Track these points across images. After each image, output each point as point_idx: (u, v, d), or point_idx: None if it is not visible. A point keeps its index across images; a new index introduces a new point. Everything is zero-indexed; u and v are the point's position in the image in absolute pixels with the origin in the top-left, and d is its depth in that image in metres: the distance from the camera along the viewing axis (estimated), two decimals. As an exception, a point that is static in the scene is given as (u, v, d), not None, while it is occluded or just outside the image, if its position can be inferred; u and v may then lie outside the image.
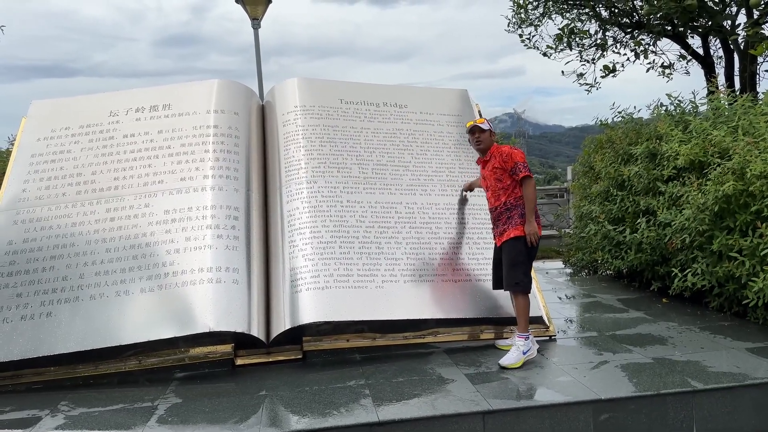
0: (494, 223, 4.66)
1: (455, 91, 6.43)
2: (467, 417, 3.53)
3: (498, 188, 4.55)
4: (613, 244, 7.02)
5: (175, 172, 5.04)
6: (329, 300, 4.55)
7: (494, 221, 4.65)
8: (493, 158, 4.58)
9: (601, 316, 5.70)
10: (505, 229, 4.50)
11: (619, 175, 7.09)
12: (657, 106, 7.27)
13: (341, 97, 5.87)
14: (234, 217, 4.87)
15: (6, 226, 4.84)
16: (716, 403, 3.74)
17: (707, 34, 11.78)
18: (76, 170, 5.11)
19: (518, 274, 4.42)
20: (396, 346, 4.77)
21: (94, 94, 5.81)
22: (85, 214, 4.85)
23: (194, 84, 5.78)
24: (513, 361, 4.25)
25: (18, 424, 3.66)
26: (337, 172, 5.30)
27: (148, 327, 4.31)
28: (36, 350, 4.24)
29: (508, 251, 4.48)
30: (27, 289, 4.51)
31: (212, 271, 4.51)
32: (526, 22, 13.02)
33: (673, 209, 5.85)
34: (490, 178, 4.60)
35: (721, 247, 5.12)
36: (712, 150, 5.59)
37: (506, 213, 4.51)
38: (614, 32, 12.80)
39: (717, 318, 5.43)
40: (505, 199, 4.51)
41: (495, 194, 4.58)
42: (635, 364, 4.23)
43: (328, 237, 4.89)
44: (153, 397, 3.99)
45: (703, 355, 4.36)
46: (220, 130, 5.31)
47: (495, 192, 4.58)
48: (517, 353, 4.29)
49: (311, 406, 3.70)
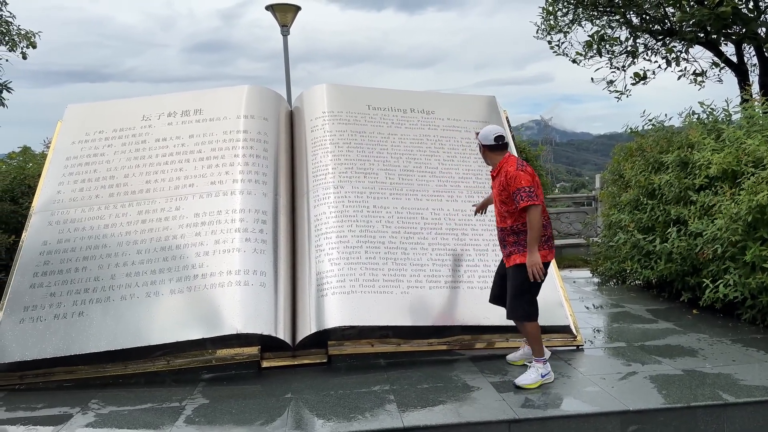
0: (500, 243, 4.26)
1: (483, 97, 6.42)
2: (493, 425, 3.50)
3: (503, 211, 4.15)
4: (642, 254, 6.91)
5: (206, 175, 5.12)
6: (355, 304, 4.57)
7: (501, 242, 4.25)
8: (499, 177, 4.14)
9: (630, 327, 5.61)
10: (511, 252, 4.13)
11: (649, 184, 6.99)
12: (689, 114, 7.16)
13: (369, 103, 5.90)
14: (262, 221, 4.92)
15: (41, 226, 4.96)
16: (749, 417, 3.66)
17: (741, 41, 11.57)
18: (109, 173, 5.22)
19: (523, 304, 4.11)
20: (420, 352, 4.76)
21: (128, 99, 5.94)
22: (117, 216, 4.95)
23: (225, 90, 5.87)
24: (530, 382, 4.01)
25: (50, 420, 3.74)
26: (364, 178, 5.32)
27: (177, 328, 4.38)
28: (68, 349, 4.33)
29: (513, 278, 4.13)
30: (60, 289, 4.61)
31: (240, 274, 4.56)
32: (556, 29, 12.94)
33: (704, 219, 5.75)
34: (496, 198, 4.20)
35: (754, 258, 5.02)
36: (745, 159, 5.48)
37: (513, 236, 4.12)
38: (645, 39, 12.66)
39: (749, 330, 5.31)
40: (512, 224, 4.11)
41: (501, 216, 4.19)
42: (665, 375, 4.16)
43: (354, 242, 4.91)
44: (181, 398, 4.04)
45: (735, 368, 4.27)
46: (250, 135, 5.38)
47: (501, 214, 4.19)
48: (535, 375, 4.04)
49: (336, 410, 3.72)
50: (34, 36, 12.04)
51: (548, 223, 4.18)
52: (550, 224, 4.23)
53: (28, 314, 4.50)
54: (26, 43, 11.95)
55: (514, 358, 4.54)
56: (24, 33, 11.90)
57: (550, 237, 4.16)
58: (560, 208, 16.52)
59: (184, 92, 5.90)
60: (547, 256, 4.10)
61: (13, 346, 4.36)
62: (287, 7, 11.62)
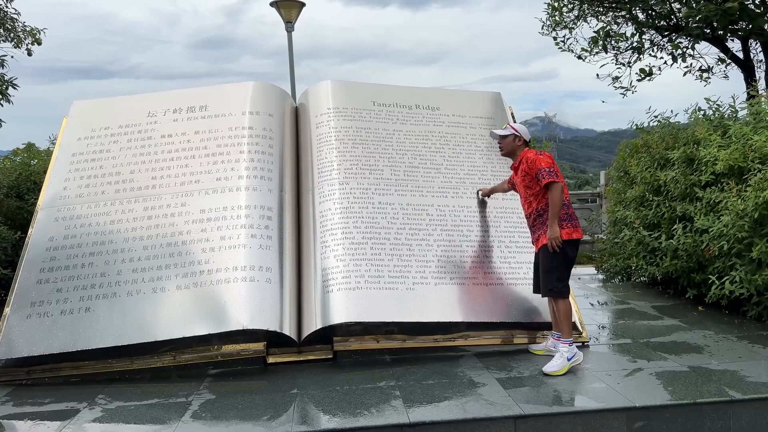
0: (531, 230, 4.62)
1: (488, 93, 6.41)
2: (498, 421, 3.51)
3: (529, 195, 4.51)
4: (648, 250, 6.90)
5: (211, 172, 5.13)
6: (360, 301, 4.57)
7: (530, 228, 4.60)
8: (520, 164, 4.54)
9: (635, 323, 5.61)
10: (540, 235, 4.46)
11: (655, 180, 6.97)
12: (695, 110, 7.13)
13: (374, 99, 5.90)
14: (267, 217, 4.93)
15: (47, 223, 4.97)
16: (755, 414, 3.65)
17: (747, 37, 11.51)
18: (115, 169, 5.23)
19: (552, 280, 4.35)
20: (426, 348, 4.77)
21: (133, 95, 5.95)
22: (123, 212, 4.96)
23: (230, 86, 5.87)
24: (558, 368, 4.16)
25: (57, 416, 3.76)
26: (369, 174, 5.32)
27: (183, 324, 4.39)
28: (74, 344, 4.35)
29: (543, 258, 4.44)
30: (67, 285, 4.63)
31: (246, 270, 4.57)
32: (561, 25, 12.90)
33: (710, 215, 5.73)
34: (520, 185, 4.58)
35: (760, 254, 5.00)
36: (752, 155, 5.46)
37: (539, 219, 4.46)
38: (651, 35, 12.61)
39: (755, 327, 5.29)
40: (537, 206, 4.46)
41: (527, 201, 4.55)
42: (670, 372, 4.16)
43: (360, 238, 4.91)
44: (187, 393, 4.06)
45: (741, 365, 4.26)
46: (255, 132, 5.38)
47: (527, 199, 4.55)
48: (562, 360, 4.21)
49: (342, 405, 3.72)
50: (40, 33, 12.06)
51: (569, 203, 4.49)
52: (571, 205, 4.54)
53: (35, 310, 4.51)
54: (31, 40, 11.97)
55: (537, 348, 4.70)
56: (29, 30, 11.92)
57: (572, 215, 4.44)
58: (565, 204, 16.50)
59: (190, 89, 5.91)
60: (572, 233, 4.36)
61: (20, 341, 4.38)
62: (292, 4, 11.62)
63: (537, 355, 4.61)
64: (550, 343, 4.58)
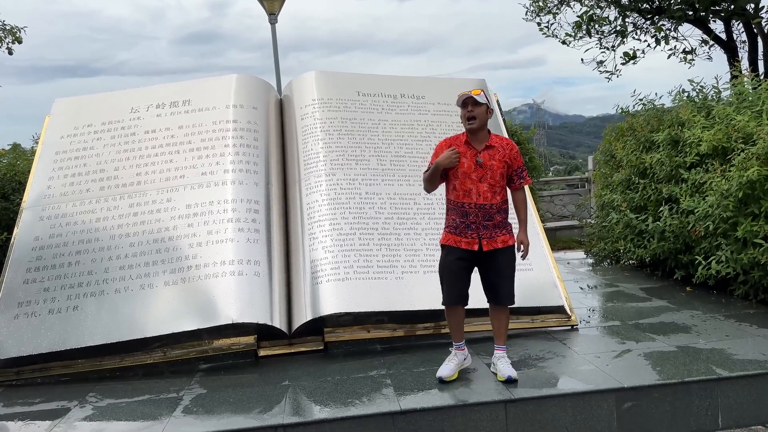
0: (480, 223, 3.77)
1: (473, 81, 6.40)
2: (489, 406, 3.53)
3: (500, 185, 3.83)
4: (635, 233, 6.94)
5: (196, 166, 5.10)
6: (349, 291, 4.58)
7: (481, 220, 3.77)
8: (500, 149, 3.85)
9: (624, 305, 5.65)
10: (501, 233, 3.82)
11: (640, 163, 7.00)
12: (679, 92, 7.16)
13: (359, 89, 5.88)
14: (254, 211, 4.91)
15: (32, 222, 4.94)
16: (742, 391, 3.70)
17: (730, 18, 11.55)
18: (99, 166, 5.19)
19: (513, 286, 3.90)
20: (416, 336, 4.78)
21: (116, 92, 5.90)
22: (108, 210, 4.93)
23: (213, 79, 5.84)
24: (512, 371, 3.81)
25: (47, 415, 3.74)
26: (356, 165, 5.31)
27: (173, 319, 4.38)
28: (63, 343, 4.33)
29: (509, 261, 3.87)
30: (54, 284, 4.60)
31: (234, 264, 4.56)
32: (544, 10, 12.88)
33: (696, 196, 5.77)
34: (496, 170, 3.80)
35: (745, 233, 5.04)
36: (735, 135, 5.49)
37: (500, 215, 3.82)
38: (634, 18, 12.62)
39: (742, 306, 5.35)
40: (501, 199, 3.83)
41: (492, 190, 3.78)
42: (659, 352, 4.19)
43: (348, 229, 4.91)
44: (178, 388, 4.05)
45: (728, 343, 4.30)
46: (240, 125, 5.36)
47: (493, 188, 3.79)
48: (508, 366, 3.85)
49: (333, 395, 3.73)
50: (20, 31, 11.92)
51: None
52: None
53: (23, 310, 4.49)
54: (12, 39, 11.84)
55: (451, 373, 3.86)
56: (9, 28, 11.77)
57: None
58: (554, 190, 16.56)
59: (172, 83, 5.87)
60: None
61: (9, 342, 4.36)
62: (274, -5, 11.51)
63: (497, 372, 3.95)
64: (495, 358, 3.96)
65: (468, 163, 3.79)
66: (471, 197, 3.77)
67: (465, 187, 3.78)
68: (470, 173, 3.78)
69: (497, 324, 3.98)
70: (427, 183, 3.91)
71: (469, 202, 3.77)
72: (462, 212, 3.80)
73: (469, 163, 3.79)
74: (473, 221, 3.77)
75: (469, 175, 3.77)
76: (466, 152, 3.81)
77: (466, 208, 3.79)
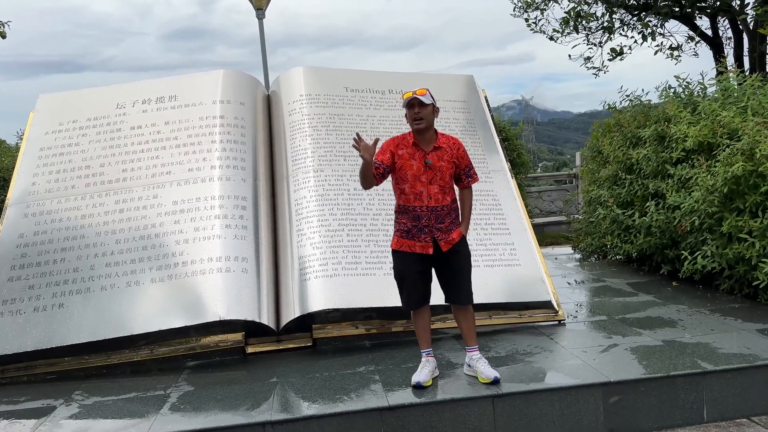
0: (433, 226, 3.69)
1: (461, 77, 6.40)
2: (477, 401, 3.54)
3: (449, 186, 3.77)
4: (622, 228, 6.99)
5: (183, 163, 5.07)
6: (338, 288, 4.57)
7: (434, 222, 3.69)
8: (447, 149, 3.76)
9: (611, 300, 5.69)
10: (451, 233, 3.74)
11: (627, 159, 7.04)
12: (665, 88, 7.21)
13: (346, 85, 5.86)
14: (242, 207, 4.89)
15: (17, 219, 4.89)
16: (727, 385, 3.73)
17: (716, 15, 11.65)
18: (85, 163, 5.14)
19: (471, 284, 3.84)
20: (405, 332, 4.78)
21: (101, 87, 5.84)
22: (94, 206, 4.89)
23: (200, 75, 5.79)
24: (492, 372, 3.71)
25: (33, 413, 3.71)
26: (344, 161, 5.30)
27: (159, 317, 4.35)
28: (49, 341, 4.30)
29: (467, 259, 3.82)
30: (39, 281, 4.56)
31: (221, 261, 4.54)
32: (532, 6, 12.91)
33: (682, 192, 5.81)
34: (446, 171, 3.73)
35: (730, 228, 5.09)
36: (721, 131, 5.54)
37: (450, 215, 3.76)
38: (621, 14, 12.68)
39: (727, 300, 5.40)
40: (451, 199, 3.78)
41: (443, 191, 3.72)
42: (645, 346, 4.22)
43: (336, 225, 4.89)
44: (165, 386, 4.03)
45: (713, 337, 4.34)
46: (227, 121, 5.32)
47: (443, 189, 3.72)
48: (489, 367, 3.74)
49: (322, 392, 3.73)
50: (3, 26, 11.76)
51: None
52: None
53: (7, 308, 4.44)
54: (-5, 34, 11.67)
55: (427, 378, 3.72)
56: (-8, 23, 11.61)
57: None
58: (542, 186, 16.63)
59: (159, 79, 5.82)
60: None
61: (-7, 340, 4.31)
62: (262, -10, 11.44)
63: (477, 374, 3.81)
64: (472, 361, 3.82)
65: (417, 165, 3.69)
66: (422, 200, 3.68)
67: (415, 190, 3.69)
68: (420, 175, 3.69)
69: (465, 325, 3.86)
70: (360, 178, 3.71)
71: (420, 205, 3.68)
72: (414, 216, 3.70)
73: (418, 165, 3.69)
74: (426, 224, 3.69)
75: (419, 178, 3.68)
76: (414, 154, 3.71)
77: (417, 212, 3.69)
